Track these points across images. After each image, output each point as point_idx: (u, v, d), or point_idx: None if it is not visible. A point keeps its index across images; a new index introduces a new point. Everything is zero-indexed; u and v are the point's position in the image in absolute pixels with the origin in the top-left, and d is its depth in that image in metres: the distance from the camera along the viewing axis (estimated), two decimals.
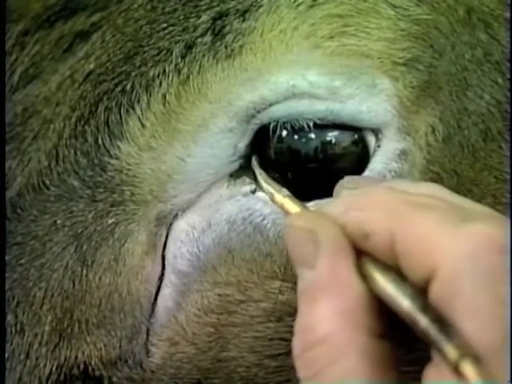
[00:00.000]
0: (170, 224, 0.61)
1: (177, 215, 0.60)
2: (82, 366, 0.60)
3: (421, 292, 0.43)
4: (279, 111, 0.58)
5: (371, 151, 0.59)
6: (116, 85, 0.60)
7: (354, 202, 0.47)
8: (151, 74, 0.59)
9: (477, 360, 0.39)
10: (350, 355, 0.43)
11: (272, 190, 0.56)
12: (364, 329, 0.44)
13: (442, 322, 0.41)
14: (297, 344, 0.46)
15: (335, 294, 0.44)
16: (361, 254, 0.46)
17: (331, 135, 0.59)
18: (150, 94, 0.59)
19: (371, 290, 0.45)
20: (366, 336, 0.43)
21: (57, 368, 0.60)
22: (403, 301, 0.43)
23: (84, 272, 0.60)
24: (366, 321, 0.44)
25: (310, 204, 0.58)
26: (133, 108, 0.59)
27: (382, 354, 0.44)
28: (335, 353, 0.43)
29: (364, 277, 0.45)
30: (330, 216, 0.47)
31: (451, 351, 0.40)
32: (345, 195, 0.50)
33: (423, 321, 0.42)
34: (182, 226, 0.60)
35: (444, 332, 0.41)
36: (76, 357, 0.60)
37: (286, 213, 0.54)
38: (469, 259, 0.41)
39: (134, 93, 0.59)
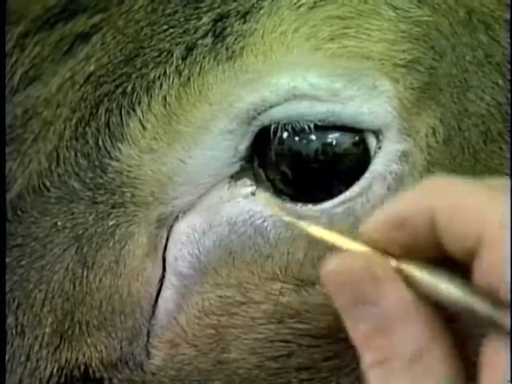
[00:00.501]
0: (171, 226, 0.60)
1: (177, 217, 0.60)
2: (82, 368, 0.60)
3: (463, 274, 0.43)
4: (280, 113, 0.58)
5: (372, 153, 0.59)
6: (117, 86, 0.60)
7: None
8: (152, 75, 0.59)
9: None
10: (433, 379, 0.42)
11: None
12: (444, 353, 0.43)
13: (496, 300, 0.41)
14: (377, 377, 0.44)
15: (409, 319, 0.43)
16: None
17: (332, 137, 0.59)
18: (151, 96, 0.59)
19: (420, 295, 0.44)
20: (447, 361, 0.43)
21: (57, 370, 0.60)
22: (455, 292, 0.43)
23: (84, 274, 0.60)
24: (443, 343, 0.43)
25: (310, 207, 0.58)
26: (133, 110, 0.59)
27: (458, 375, 0.43)
28: (421, 376, 0.42)
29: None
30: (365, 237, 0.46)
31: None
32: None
33: (478, 304, 0.41)
34: (182, 227, 0.60)
35: (499, 307, 0.40)
36: (77, 359, 0.60)
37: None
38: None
39: (135, 94, 0.59)
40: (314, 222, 0.58)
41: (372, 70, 0.58)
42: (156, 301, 0.60)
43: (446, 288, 0.43)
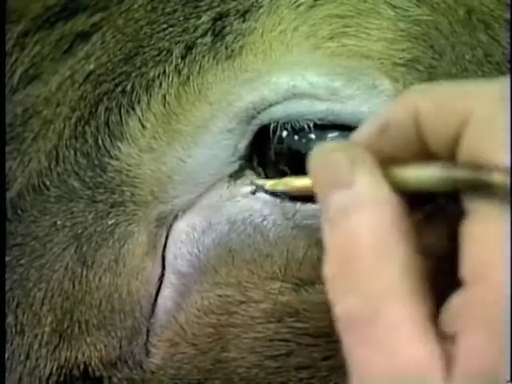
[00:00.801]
0: (170, 225, 0.60)
1: (177, 216, 0.60)
2: (82, 367, 0.60)
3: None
4: (279, 112, 0.58)
5: None
6: (116, 85, 0.60)
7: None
8: (151, 74, 0.59)
9: None
10: (395, 267, 0.42)
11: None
12: (407, 241, 0.42)
13: (477, 166, 0.40)
14: (331, 263, 0.44)
15: (377, 208, 0.43)
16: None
17: (331, 136, 0.59)
18: (150, 95, 0.59)
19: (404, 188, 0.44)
20: (409, 248, 0.42)
21: (57, 369, 0.60)
22: (434, 171, 0.43)
23: (84, 273, 0.60)
24: (407, 234, 0.43)
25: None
26: (133, 109, 0.59)
27: (423, 270, 0.43)
28: (378, 264, 0.42)
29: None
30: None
31: (501, 177, 0.39)
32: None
33: (460, 172, 0.41)
34: (182, 226, 0.60)
35: (482, 169, 0.40)
36: (76, 357, 0.60)
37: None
38: (504, 103, 0.40)
39: (134, 93, 0.59)
40: (314, 221, 0.59)
41: (371, 69, 0.58)
42: (155, 300, 0.61)
43: (428, 172, 0.43)
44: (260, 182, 0.58)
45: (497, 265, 0.39)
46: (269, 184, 0.57)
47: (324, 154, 0.46)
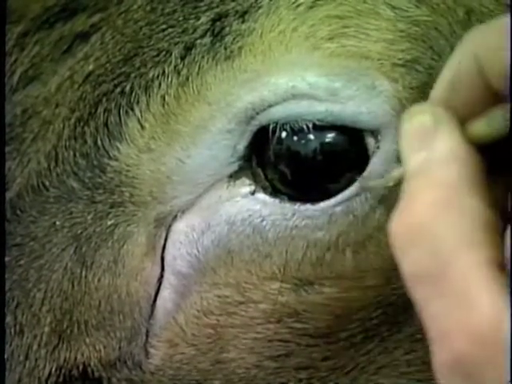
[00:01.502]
0: (170, 225, 0.60)
1: (176, 216, 0.60)
2: (81, 368, 0.60)
3: None
4: (278, 112, 0.58)
5: (370, 152, 0.59)
6: (115, 86, 0.60)
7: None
8: (150, 75, 0.59)
9: None
10: (464, 218, 0.42)
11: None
12: (477, 195, 0.43)
13: None
14: (400, 218, 0.44)
15: (452, 164, 0.44)
16: None
17: (330, 136, 0.59)
18: (150, 96, 0.59)
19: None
20: (479, 201, 0.43)
21: (56, 369, 0.60)
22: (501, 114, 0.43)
23: (83, 273, 0.60)
24: (478, 188, 0.43)
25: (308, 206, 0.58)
26: (132, 109, 0.59)
27: (493, 220, 0.43)
28: (447, 215, 0.42)
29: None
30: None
31: None
32: None
33: None
34: (181, 227, 0.60)
35: None
36: (75, 358, 0.60)
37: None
38: None
39: (134, 94, 0.59)
40: (313, 222, 0.59)
41: (371, 70, 0.58)
42: (155, 300, 0.61)
43: (496, 117, 0.44)
44: (372, 183, 0.58)
45: None
46: (380, 183, 0.57)
47: (413, 115, 0.48)
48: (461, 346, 0.40)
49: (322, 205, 0.59)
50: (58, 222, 0.60)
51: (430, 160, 0.45)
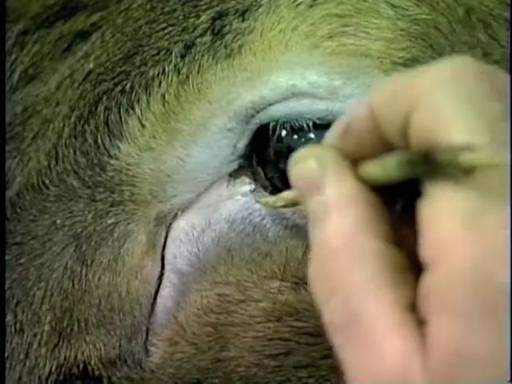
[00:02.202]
0: (170, 224, 0.61)
1: (176, 215, 0.60)
2: (81, 366, 0.60)
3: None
4: (279, 111, 0.58)
5: None
6: (115, 84, 0.60)
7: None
8: (151, 73, 0.59)
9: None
10: (368, 262, 0.42)
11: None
12: (378, 236, 0.43)
13: (428, 148, 0.41)
14: (313, 266, 0.44)
15: (345, 209, 0.44)
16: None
17: None
18: (150, 94, 0.59)
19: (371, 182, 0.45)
20: (381, 242, 0.43)
21: (56, 368, 0.60)
22: (393, 161, 0.43)
23: (83, 272, 0.60)
24: (378, 228, 0.43)
25: None
26: (132, 108, 0.59)
27: (399, 259, 0.43)
28: (352, 262, 0.42)
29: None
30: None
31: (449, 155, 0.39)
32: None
33: (413, 157, 0.41)
34: (181, 225, 0.60)
35: (432, 150, 0.40)
36: (75, 356, 0.60)
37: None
38: (450, 82, 0.41)
39: (134, 93, 0.59)
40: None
41: (371, 68, 0.58)
42: (155, 299, 0.61)
43: (388, 163, 0.43)
44: (263, 200, 0.59)
45: (453, 245, 0.38)
46: (270, 201, 0.57)
47: (298, 162, 0.47)
48: None
49: None
50: (58, 221, 0.60)
51: (322, 206, 0.44)
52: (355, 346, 0.42)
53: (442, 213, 0.39)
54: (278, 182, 0.59)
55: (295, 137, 0.59)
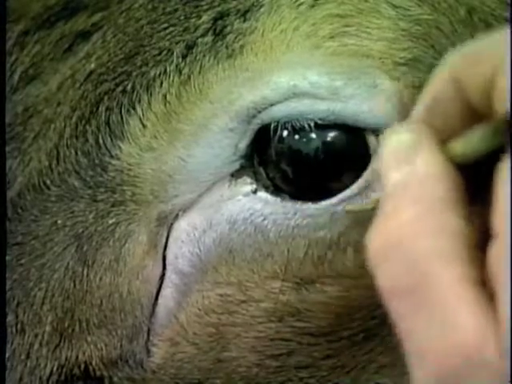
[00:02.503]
0: (171, 224, 0.60)
1: (178, 215, 0.60)
2: (82, 366, 0.60)
3: None
4: (280, 111, 0.58)
5: (372, 151, 0.59)
6: (117, 85, 0.60)
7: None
8: (152, 73, 0.59)
9: None
10: (444, 234, 0.42)
11: None
12: (457, 213, 0.43)
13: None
14: (376, 234, 0.44)
15: (431, 182, 0.44)
16: None
17: (332, 135, 0.59)
18: (151, 94, 0.59)
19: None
20: (460, 219, 0.43)
21: (57, 368, 0.60)
22: (479, 132, 0.43)
23: (85, 272, 0.60)
24: (459, 206, 0.43)
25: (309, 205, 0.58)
26: (134, 108, 0.59)
27: (473, 238, 0.42)
28: (427, 232, 0.42)
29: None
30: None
31: None
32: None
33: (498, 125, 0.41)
34: (182, 226, 0.60)
35: None
36: (77, 357, 0.60)
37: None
38: None
39: (135, 93, 0.59)
40: (314, 220, 0.59)
41: (372, 69, 0.58)
42: (156, 299, 0.60)
43: (475, 135, 0.43)
44: (348, 208, 0.58)
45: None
46: (357, 207, 0.58)
47: (393, 134, 0.48)
48: (446, 363, 0.40)
49: (324, 204, 0.59)
50: (59, 221, 0.60)
51: (409, 178, 0.45)
52: (423, 314, 0.41)
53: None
54: (279, 182, 0.59)
55: (296, 137, 0.59)
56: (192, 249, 0.60)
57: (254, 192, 0.60)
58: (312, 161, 0.59)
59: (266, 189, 0.59)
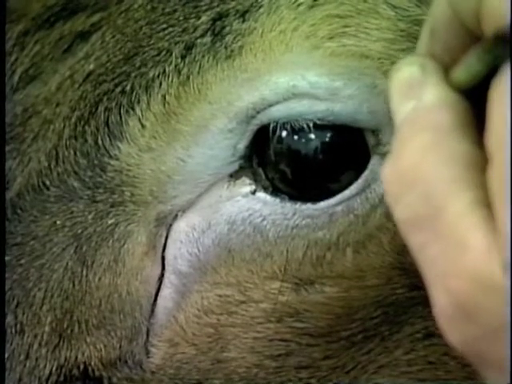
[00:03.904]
0: (170, 225, 0.60)
1: (177, 216, 0.60)
2: (81, 367, 0.60)
3: None
4: (279, 112, 0.58)
5: (371, 151, 0.59)
6: (116, 85, 0.60)
7: None
8: (151, 74, 0.59)
9: None
10: (455, 161, 0.42)
11: None
12: (467, 139, 0.43)
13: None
14: (391, 167, 0.44)
15: (441, 110, 0.44)
16: None
17: (331, 136, 0.59)
18: (150, 95, 0.59)
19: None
20: (470, 145, 0.42)
21: (57, 368, 0.60)
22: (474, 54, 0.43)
23: (84, 272, 0.60)
24: (468, 132, 0.43)
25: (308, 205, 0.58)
26: (133, 109, 0.59)
27: (483, 162, 0.42)
28: (439, 159, 0.42)
29: None
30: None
31: None
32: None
33: (489, 44, 0.41)
34: (181, 226, 0.60)
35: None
36: (76, 357, 0.60)
37: None
38: None
39: (134, 93, 0.59)
40: (313, 221, 0.59)
41: (371, 69, 0.58)
42: (155, 299, 0.61)
43: (471, 58, 0.43)
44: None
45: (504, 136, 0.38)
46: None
47: (402, 67, 0.48)
48: (458, 286, 0.40)
49: (323, 204, 0.59)
50: (58, 222, 0.60)
51: (418, 108, 0.45)
52: (440, 241, 0.41)
53: (502, 98, 0.39)
54: (278, 182, 0.59)
55: (296, 137, 0.59)
56: (191, 249, 0.60)
57: (253, 192, 0.60)
58: (311, 161, 0.59)
59: (265, 189, 0.59)
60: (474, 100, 0.44)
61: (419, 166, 0.42)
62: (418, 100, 0.45)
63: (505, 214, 0.38)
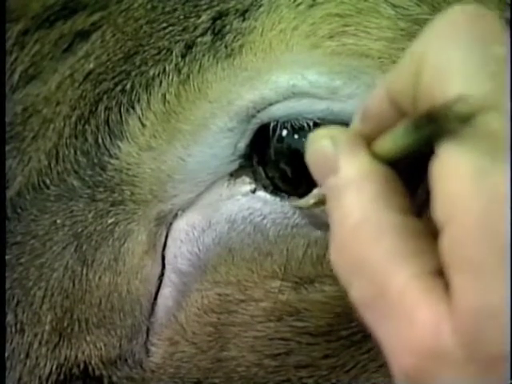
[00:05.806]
0: (170, 223, 0.61)
1: (177, 215, 0.60)
2: (82, 366, 0.60)
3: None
4: (279, 111, 0.58)
5: None
6: (116, 84, 0.60)
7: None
8: (151, 73, 0.59)
9: None
10: (388, 235, 0.42)
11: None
12: (396, 208, 0.43)
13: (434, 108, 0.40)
14: (334, 247, 0.44)
15: (360, 186, 0.44)
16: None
17: None
18: (150, 94, 0.59)
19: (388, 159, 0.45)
20: (400, 214, 0.43)
21: (57, 367, 0.60)
22: (403, 129, 0.43)
23: (84, 271, 0.60)
24: (396, 202, 0.43)
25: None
26: (133, 107, 0.59)
27: (421, 228, 0.43)
28: (372, 237, 0.42)
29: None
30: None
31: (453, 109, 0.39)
32: None
33: (422, 121, 0.41)
34: (181, 225, 0.60)
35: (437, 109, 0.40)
36: (76, 356, 0.60)
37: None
38: (446, 35, 0.42)
39: (134, 92, 0.59)
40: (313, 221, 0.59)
41: (371, 68, 0.58)
42: (155, 298, 0.61)
43: (399, 132, 0.43)
44: (294, 203, 0.59)
45: (463, 202, 0.38)
46: (302, 202, 0.57)
47: (312, 142, 0.48)
48: (407, 361, 0.40)
49: None
50: (58, 221, 0.60)
51: (337, 185, 0.45)
52: (387, 320, 0.41)
53: (450, 172, 0.39)
54: (278, 181, 0.59)
55: (296, 136, 0.59)
56: (191, 248, 0.60)
57: (253, 191, 0.60)
58: None
59: (265, 188, 0.59)
60: (402, 169, 0.45)
61: (355, 248, 0.43)
62: (336, 175, 0.45)
63: (461, 283, 0.38)
